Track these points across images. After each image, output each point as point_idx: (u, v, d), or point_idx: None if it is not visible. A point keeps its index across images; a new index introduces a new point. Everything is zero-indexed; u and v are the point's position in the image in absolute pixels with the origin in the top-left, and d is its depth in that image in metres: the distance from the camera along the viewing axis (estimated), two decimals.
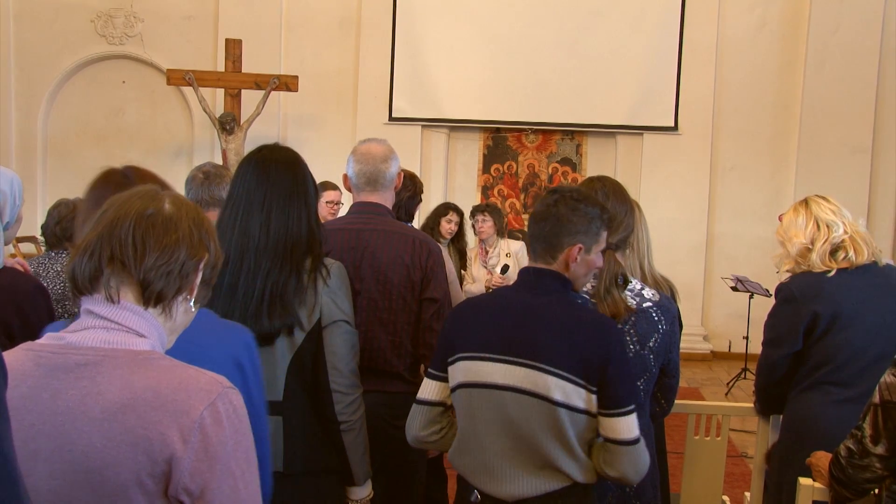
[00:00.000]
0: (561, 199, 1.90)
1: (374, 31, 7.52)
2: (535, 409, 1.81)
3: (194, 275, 1.26)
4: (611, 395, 1.82)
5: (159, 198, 1.26)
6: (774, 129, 7.39)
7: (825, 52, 7.18)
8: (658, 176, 7.39)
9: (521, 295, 1.93)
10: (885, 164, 7.25)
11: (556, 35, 7.35)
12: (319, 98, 7.57)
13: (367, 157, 2.59)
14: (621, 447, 1.82)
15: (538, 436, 1.82)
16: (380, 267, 2.50)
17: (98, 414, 1.13)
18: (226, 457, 1.15)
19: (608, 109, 7.43)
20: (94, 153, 7.74)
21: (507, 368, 1.84)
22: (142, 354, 1.19)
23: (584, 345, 1.81)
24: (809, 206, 2.65)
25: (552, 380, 1.80)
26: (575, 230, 1.89)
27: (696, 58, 7.32)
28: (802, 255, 2.59)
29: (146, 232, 1.21)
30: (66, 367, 1.17)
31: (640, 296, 2.20)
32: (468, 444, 1.93)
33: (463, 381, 1.91)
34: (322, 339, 2.04)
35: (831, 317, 2.49)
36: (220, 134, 6.88)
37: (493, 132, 7.80)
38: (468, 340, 1.91)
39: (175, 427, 1.12)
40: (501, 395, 1.84)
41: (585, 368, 1.80)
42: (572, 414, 1.81)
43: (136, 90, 7.78)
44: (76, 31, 7.66)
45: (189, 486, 1.12)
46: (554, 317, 1.86)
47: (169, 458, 1.12)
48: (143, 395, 1.14)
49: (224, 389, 1.18)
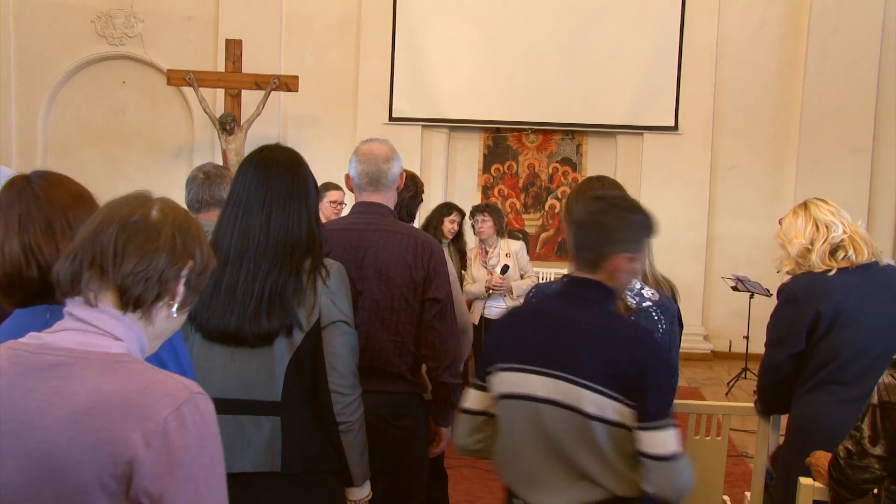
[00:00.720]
0: (608, 208, 1.86)
1: (375, 31, 7.52)
2: (570, 422, 1.79)
3: (175, 282, 1.27)
4: (647, 409, 1.77)
5: (148, 204, 1.30)
6: (775, 129, 7.39)
7: (825, 52, 7.17)
8: (658, 176, 7.39)
9: (562, 306, 1.90)
10: (885, 163, 7.24)
11: (557, 35, 7.35)
12: (320, 98, 7.57)
13: (370, 157, 2.59)
14: (656, 462, 1.76)
15: (574, 448, 1.80)
16: (382, 267, 2.49)
17: (64, 414, 1.15)
18: (188, 462, 1.15)
19: (608, 109, 7.43)
20: (95, 153, 7.75)
21: (543, 380, 1.82)
22: (113, 357, 1.21)
23: (620, 358, 1.78)
24: (808, 208, 2.67)
25: (586, 393, 1.77)
26: (624, 239, 1.85)
27: (696, 58, 7.32)
28: (802, 256, 2.60)
29: (128, 239, 1.24)
30: (40, 366, 1.19)
31: (639, 295, 2.20)
32: (510, 455, 1.92)
33: (503, 392, 1.90)
34: (321, 339, 2.04)
35: (833, 316, 2.49)
36: (220, 134, 6.88)
37: (493, 132, 7.80)
38: (508, 351, 1.90)
39: (139, 430, 1.13)
40: (538, 407, 1.83)
41: (621, 382, 1.76)
42: (608, 427, 1.78)
43: (137, 90, 7.78)
44: (76, 32, 7.66)
45: (150, 490, 1.13)
46: (590, 329, 1.83)
47: (130, 460, 1.13)
48: (109, 398, 1.15)
49: (192, 395, 1.18)
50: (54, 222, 1.56)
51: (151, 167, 7.74)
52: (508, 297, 5.49)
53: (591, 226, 1.87)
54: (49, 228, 1.55)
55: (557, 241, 7.73)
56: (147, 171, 7.72)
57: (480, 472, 5.16)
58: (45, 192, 1.57)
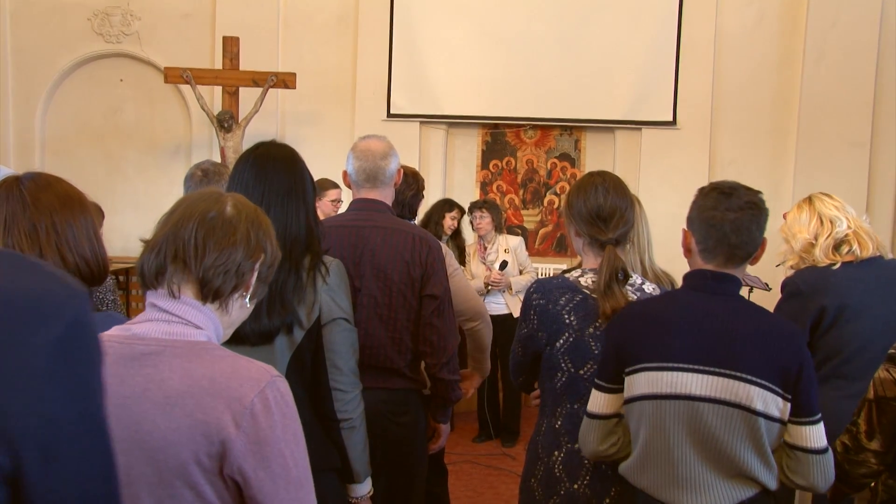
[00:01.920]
0: (755, 202, 1.88)
1: (372, 28, 7.50)
2: (735, 420, 1.77)
3: (250, 274, 1.38)
4: (803, 402, 1.79)
5: (222, 201, 1.38)
6: (773, 124, 7.38)
7: (823, 47, 7.17)
8: (657, 171, 7.38)
9: (703, 301, 1.87)
10: (883, 157, 7.24)
11: (554, 30, 7.34)
12: (317, 95, 7.55)
13: (367, 154, 2.59)
14: (812, 456, 1.79)
15: (736, 446, 1.78)
16: (380, 264, 2.49)
17: (160, 399, 1.24)
18: (275, 440, 1.25)
19: (606, 105, 7.42)
20: (93, 152, 7.73)
21: (705, 378, 1.79)
22: (199, 345, 1.30)
23: (782, 352, 1.78)
24: (813, 202, 2.67)
25: (754, 389, 1.77)
26: (763, 227, 1.87)
27: (694, 53, 7.31)
28: (806, 251, 2.60)
29: (207, 233, 1.33)
30: (131, 355, 1.28)
31: (640, 290, 2.20)
32: (654, 458, 1.86)
33: (648, 393, 1.85)
34: (321, 337, 2.04)
35: (838, 309, 2.49)
36: (218, 132, 6.87)
37: (491, 128, 7.79)
38: (651, 350, 1.85)
39: (228, 412, 1.23)
40: (697, 406, 1.79)
41: (783, 376, 1.77)
42: (769, 423, 1.78)
43: (134, 88, 7.76)
44: (73, 30, 7.64)
45: (242, 467, 1.23)
46: (749, 324, 1.81)
47: (224, 440, 1.22)
48: (199, 383, 1.25)
49: (272, 378, 1.28)
50: (39, 226, 1.55)
51: (149, 165, 7.73)
52: (507, 292, 5.50)
53: (746, 222, 1.85)
54: (33, 232, 1.55)
55: (556, 237, 7.72)
56: (145, 169, 7.71)
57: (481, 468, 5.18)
58: (32, 195, 1.57)
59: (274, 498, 1.25)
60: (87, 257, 1.61)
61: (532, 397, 2.43)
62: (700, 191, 1.97)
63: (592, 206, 2.17)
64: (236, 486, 1.26)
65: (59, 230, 1.56)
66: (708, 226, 1.88)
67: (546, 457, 2.19)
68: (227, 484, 1.25)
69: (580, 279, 2.18)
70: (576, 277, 2.19)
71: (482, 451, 5.51)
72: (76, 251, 1.58)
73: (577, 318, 2.13)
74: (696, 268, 1.94)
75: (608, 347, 1.96)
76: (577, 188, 2.23)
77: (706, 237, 1.89)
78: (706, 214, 1.89)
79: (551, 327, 2.14)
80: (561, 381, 2.15)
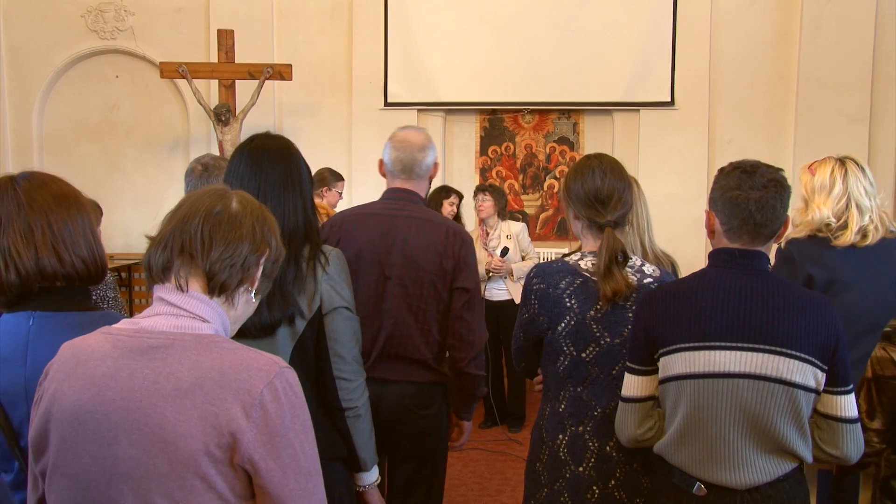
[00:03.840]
0: (777, 180, 1.87)
1: (367, 16, 7.47)
2: (776, 394, 1.78)
3: (255, 268, 1.39)
4: (839, 372, 1.81)
5: (227, 196, 1.40)
6: (771, 101, 7.35)
7: (820, 21, 7.13)
8: (656, 152, 7.36)
9: (740, 279, 1.86)
10: (883, 132, 7.21)
11: (549, 14, 7.31)
12: (314, 86, 7.53)
13: (405, 145, 2.59)
14: (846, 425, 1.82)
15: (776, 420, 1.79)
16: (412, 254, 2.49)
17: (170, 391, 1.26)
18: (284, 430, 1.27)
19: (604, 87, 7.39)
20: (91, 149, 7.73)
21: (742, 355, 1.80)
22: (207, 338, 1.32)
23: (819, 325, 1.80)
24: (848, 177, 2.55)
25: (795, 363, 1.78)
26: (786, 207, 1.88)
27: (690, 31, 7.27)
28: (820, 230, 2.54)
29: (213, 228, 1.34)
30: (140, 349, 1.30)
31: (640, 272, 2.20)
32: (691, 436, 1.87)
33: (684, 372, 1.85)
34: (323, 326, 2.04)
35: (827, 283, 2.48)
36: (215, 125, 6.86)
37: (489, 114, 7.77)
38: (684, 329, 1.85)
39: (238, 403, 1.24)
40: (735, 383, 1.80)
41: (822, 349, 1.79)
42: (808, 394, 1.80)
43: (130, 84, 7.74)
44: (67, 27, 7.61)
45: (253, 457, 1.24)
46: (786, 298, 1.82)
47: (234, 431, 1.24)
48: (209, 374, 1.26)
49: (281, 369, 1.29)
50: (34, 226, 1.55)
51: (148, 161, 7.72)
52: (509, 279, 5.50)
53: (770, 200, 1.85)
54: (28, 232, 1.55)
55: (557, 221, 7.72)
56: (143, 165, 7.71)
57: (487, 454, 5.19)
58: (27, 194, 1.57)
59: (284, 487, 1.27)
60: (83, 256, 1.60)
61: (535, 383, 2.44)
62: (721, 171, 1.96)
63: (590, 188, 2.17)
64: (246, 475, 1.27)
65: (54, 229, 1.56)
66: (732, 205, 1.87)
67: (550, 441, 2.19)
68: (238, 474, 1.27)
69: (580, 262, 2.18)
70: (575, 261, 2.19)
71: (489, 437, 5.53)
72: (72, 250, 1.58)
73: (577, 301, 2.13)
74: (721, 247, 1.93)
75: (637, 331, 1.96)
76: (574, 171, 2.23)
77: (731, 217, 1.88)
78: (730, 194, 1.88)
79: (552, 311, 2.14)
80: (563, 365, 2.16)
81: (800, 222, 2.62)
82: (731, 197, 1.88)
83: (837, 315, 1.84)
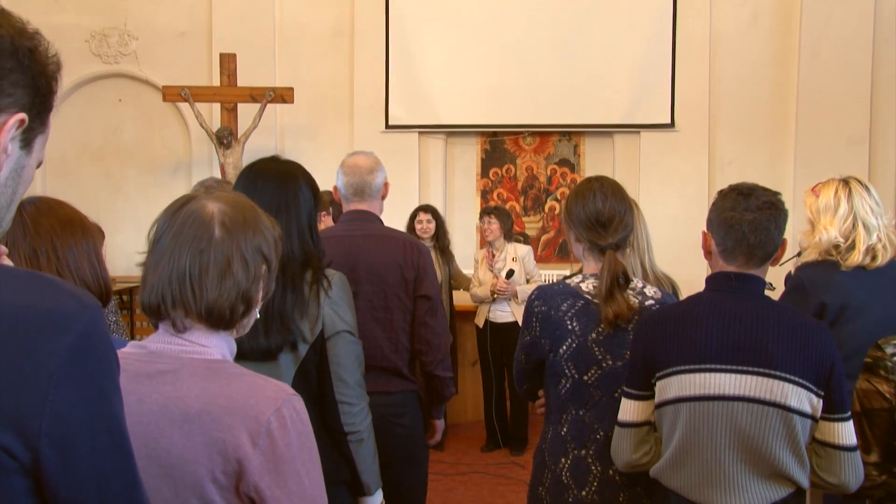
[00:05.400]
0: (773, 202, 1.88)
1: (368, 40, 7.52)
2: (771, 418, 1.78)
3: (256, 292, 1.36)
4: (835, 399, 1.80)
5: (208, 224, 1.32)
6: (771, 122, 7.38)
7: (818, 44, 7.18)
8: (657, 173, 7.38)
9: (736, 302, 1.87)
10: (882, 153, 7.24)
11: (549, 36, 7.35)
12: (315, 108, 7.57)
13: (354, 170, 2.76)
14: (844, 453, 1.80)
15: (772, 444, 1.79)
16: (374, 268, 2.65)
17: (178, 416, 1.25)
18: (291, 457, 1.26)
19: (604, 109, 7.43)
20: (94, 172, 7.76)
21: (737, 378, 1.80)
22: (215, 363, 1.32)
23: (814, 349, 1.80)
24: (852, 196, 2.53)
25: (789, 387, 1.78)
26: (783, 227, 1.89)
27: (689, 54, 7.32)
28: (829, 252, 2.52)
29: (202, 272, 1.30)
30: (149, 373, 1.29)
31: (641, 294, 2.20)
32: (687, 459, 1.86)
33: (680, 396, 1.85)
34: (326, 350, 2.04)
35: (839, 308, 2.46)
36: (217, 148, 6.88)
37: (490, 136, 7.80)
38: (681, 353, 1.85)
39: (245, 430, 1.23)
40: (731, 406, 1.80)
41: (817, 373, 1.79)
42: (804, 420, 1.79)
43: (133, 108, 7.79)
44: (71, 52, 7.66)
45: (259, 485, 1.24)
46: (780, 322, 1.82)
47: (240, 458, 1.23)
48: (217, 401, 1.25)
49: (289, 396, 1.29)
50: (39, 250, 1.56)
51: (150, 184, 7.75)
52: (514, 301, 5.49)
53: (765, 222, 1.86)
54: (33, 257, 1.55)
55: (559, 243, 7.72)
56: (146, 188, 7.73)
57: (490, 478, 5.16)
58: (33, 219, 1.58)
59: None
60: (87, 280, 1.61)
61: (536, 406, 2.43)
62: (719, 193, 1.99)
63: (591, 211, 2.17)
64: (252, 503, 1.26)
65: (59, 254, 1.57)
66: (727, 226, 1.90)
67: (553, 464, 2.18)
68: (243, 501, 1.26)
69: (581, 285, 2.18)
70: (577, 283, 2.19)
71: (491, 461, 5.49)
72: (77, 274, 1.59)
73: (579, 323, 2.13)
74: (718, 269, 1.95)
75: (635, 355, 1.96)
76: (575, 194, 2.24)
77: (725, 238, 1.91)
78: (725, 215, 1.91)
79: (554, 334, 2.14)
80: (565, 388, 2.15)
81: (808, 245, 2.61)
82: (726, 218, 1.91)
83: (833, 341, 1.84)
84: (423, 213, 5.58)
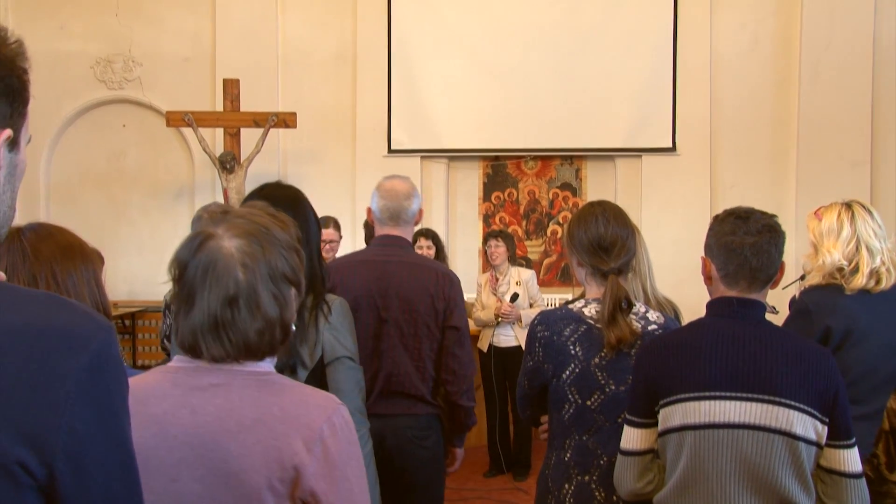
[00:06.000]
0: (771, 225, 1.88)
1: (370, 65, 7.58)
2: (776, 446, 1.76)
3: (291, 315, 1.38)
4: (840, 425, 1.78)
5: (230, 267, 1.32)
6: (772, 146, 7.41)
7: (819, 67, 7.21)
8: (658, 197, 7.39)
9: (731, 327, 1.86)
10: (884, 175, 7.25)
11: (551, 61, 7.40)
12: (318, 133, 7.61)
13: (392, 194, 2.75)
14: (851, 480, 1.78)
15: (777, 472, 1.77)
16: (406, 296, 2.66)
17: (233, 427, 1.29)
18: (342, 464, 1.31)
19: (606, 133, 7.46)
20: (97, 197, 7.78)
21: (741, 405, 1.78)
22: (265, 375, 1.36)
23: (818, 375, 1.78)
24: (855, 220, 2.53)
25: (794, 414, 1.76)
26: (781, 253, 1.88)
27: (690, 78, 7.36)
28: (833, 276, 2.52)
29: (234, 319, 1.31)
30: (200, 386, 1.33)
31: (644, 318, 2.19)
32: (691, 488, 1.84)
33: (685, 423, 1.83)
34: (325, 376, 2.03)
35: (844, 332, 2.45)
36: (220, 173, 6.91)
37: (492, 160, 7.83)
38: (685, 380, 1.83)
39: (300, 438, 1.28)
40: (736, 434, 1.78)
41: (821, 399, 1.77)
42: (809, 447, 1.77)
43: (137, 133, 7.83)
44: (76, 78, 7.72)
45: (315, 490, 1.28)
46: (781, 348, 1.81)
47: (296, 465, 1.27)
48: (270, 410, 1.30)
49: (337, 406, 1.35)
50: (38, 277, 1.56)
51: (153, 208, 7.77)
52: (517, 325, 5.47)
53: (765, 245, 1.86)
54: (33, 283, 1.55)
55: (561, 267, 7.72)
56: (149, 213, 7.75)
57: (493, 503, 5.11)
58: (32, 245, 1.58)
59: None
60: None
61: (540, 431, 2.41)
62: (716, 218, 1.98)
63: (593, 235, 2.17)
64: None
65: (59, 280, 1.57)
66: (728, 251, 1.89)
67: (556, 490, 2.16)
68: None
69: (584, 309, 2.18)
70: (579, 308, 2.19)
71: (494, 486, 5.45)
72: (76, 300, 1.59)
73: (582, 348, 2.12)
74: (718, 295, 1.94)
75: (637, 383, 1.94)
76: (577, 218, 2.24)
77: (727, 262, 1.89)
78: (725, 240, 1.89)
79: (557, 359, 2.13)
80: (569, 413, 2.14)
81: (811, 268, 2.60)
82: (726, 243, 1.89)
83: (836, 366, 1.83)
84: (424, 239, 5.56)
